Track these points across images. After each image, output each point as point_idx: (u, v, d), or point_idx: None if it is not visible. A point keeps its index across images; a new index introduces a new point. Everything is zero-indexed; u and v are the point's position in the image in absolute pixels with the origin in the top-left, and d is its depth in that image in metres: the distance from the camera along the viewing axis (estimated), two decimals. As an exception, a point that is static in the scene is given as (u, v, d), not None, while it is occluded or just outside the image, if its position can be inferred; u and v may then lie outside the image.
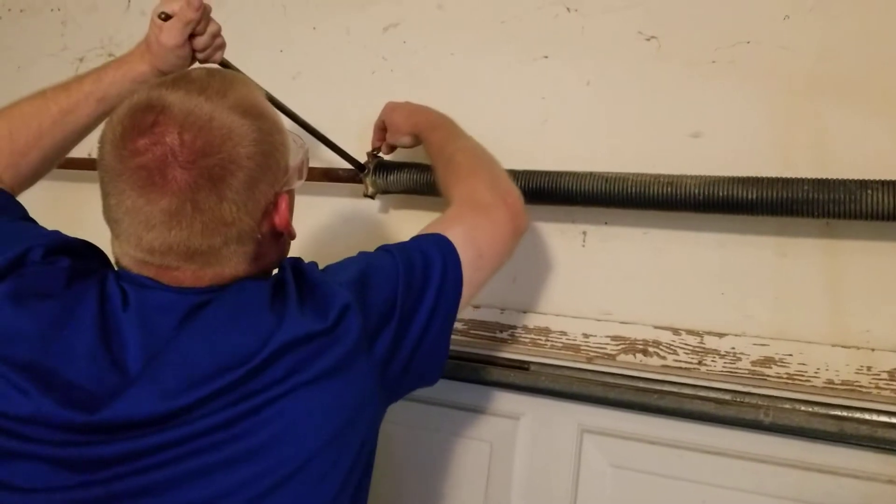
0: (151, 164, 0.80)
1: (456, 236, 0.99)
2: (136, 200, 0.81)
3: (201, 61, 1.09)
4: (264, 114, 0.89)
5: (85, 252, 0.92)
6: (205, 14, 1.05)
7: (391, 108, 1.38)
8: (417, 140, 1.32)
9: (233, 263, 0.86)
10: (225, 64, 1.13)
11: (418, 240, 1.00)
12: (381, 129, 1.40)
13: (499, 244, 1.05)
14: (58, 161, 1.14)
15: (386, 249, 0.98)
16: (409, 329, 0.91)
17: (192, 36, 1.05)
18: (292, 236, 0.95)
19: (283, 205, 0.89)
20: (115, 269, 0.89)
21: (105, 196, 0.84)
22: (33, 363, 0.78)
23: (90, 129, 1.10)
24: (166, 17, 1.02)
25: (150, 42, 1.05)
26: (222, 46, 1.11)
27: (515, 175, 1.29)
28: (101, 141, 0.85)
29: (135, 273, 0.85)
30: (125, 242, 0.84)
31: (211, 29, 1.07)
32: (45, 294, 0.82)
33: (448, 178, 1.16)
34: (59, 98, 1.08)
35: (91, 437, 0.77)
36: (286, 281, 0.88)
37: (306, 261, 0.94)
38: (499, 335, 1.38)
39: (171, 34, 1.03)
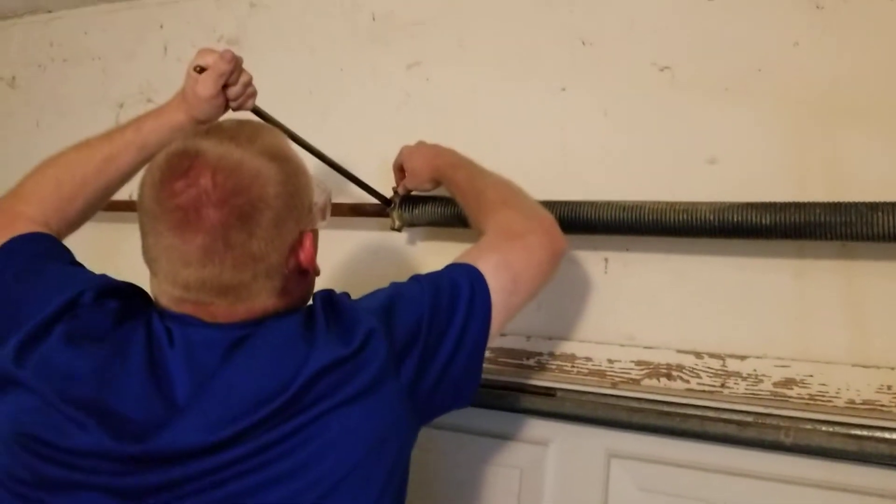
0: (187, 205, 0.85)
1: (487, 263, 1.02)
2: (172, 240, 0.86)
3: (234, 109, 1.15)
4: (289, 157, 0.94)
5: (130, 293, 0.98)
6: (237, 66, 1.11)
7: (408, 153, 1.42)
8: (438, 184, 1.36)
9: (262, 297, 0.91)
10: (257, 111, 1.19)
11: (448, 269, 1.03)
12: (399, 170, 1.44)
13: (534, 268, 1.08)
14: (101, 205, 1.20)
15: (415, 279, 1.02)
16: (435, 354, 0.94)
17: (225, 86, 1.11)
18: (317, 272, 0.99)
19: (307, 242, 0.94)
20: (157, 308, 0.94)
21: (144, 236, 0.90)
22: (90, 400, 0.84)
23: (131, 175, 1.16)
24: (201, 70, 1.09)
25: (187, 93, 1.11)
26: (254, 95, 1.17)
27: (537, 205, 1.32)
28: (141, 185, 0.91)
29: (175, 311, 0.90)
30: (163, 280, 0.90)
31: (243, 79, 1.13)
32: (96, 335, 0.88)
33: (479, 212, 1.19)
34: (103, 147, 1.14)
35: (144, 467, 0.82)
36: (315, 311, 0.93)
37: (338, 292, 0.99)
38: (525, 362, 1.41)
39: (206, 85, 1.09)
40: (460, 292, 0.98)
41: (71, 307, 0.91)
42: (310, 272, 0.97)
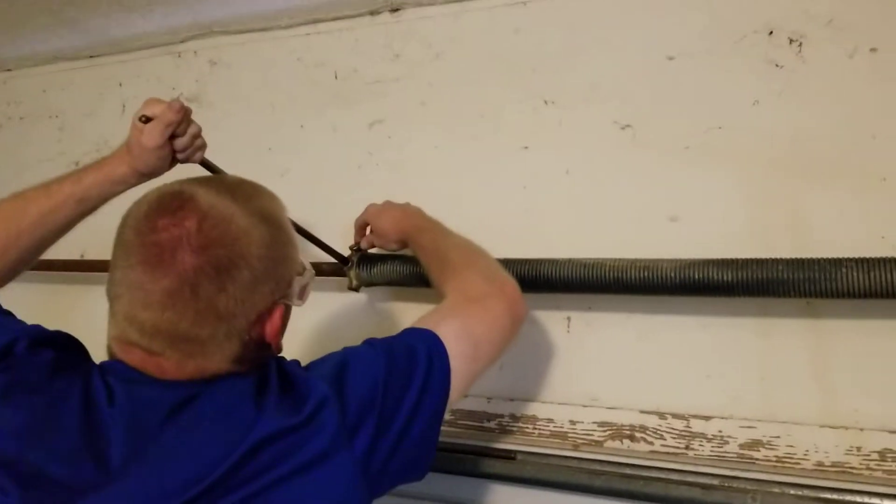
0: (165, 243, 0.81)
1: (448, 330, 0.98)
2: (140, 276, 0.81)
3: (181, 161, 1.12)
4: (282, 226, 0.91)
5: (67, 345, 0.94)
6: (185, 116, 1.08)
7: (376, 212, 1.39)
8: (405, 245, 1.34)
9: (216, 360, 0.86)
10: (206, 163, 1.16)
11: (404, 334, 0.99)
12: (362, 227, 1.42)
13: (495, 333, 1.05)
14: (35, 259, 1.14)
15: (369, 343, 0.97)
16: (390, 424, 0.90)
17: (172, 137, 1.08)
18: (278, 349, 0.94)
19: (276, 315, 0.89)
20: (100, 362, 0.89)
21: (112, 269, 0.85)
22: (17, 459, 0.79)
23: (69, 228, 1.12)
24: (147, 120, 1.06)
25: (131, 144, 1.08)
26: (203, 147, 1.14)
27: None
28: (125, 217, 0.87)
29: (120, 363, 0.86)
30: (121, 320, 0.84)
31: (191, 130, 1.10)
32: (30, 388, 0.84)
33: (442, 274, 1.16)
34: (40, 200, 1.09)
35: None
36: (269, 378, 0.88)
37: (290, 356, 0.95)
38: (486, 424, 1.37)
39: (152, 136, 1.06)
40: (417, 359, 0.94)
41: (3, 355, 0.87)
42: (271, 347, 0.92)
